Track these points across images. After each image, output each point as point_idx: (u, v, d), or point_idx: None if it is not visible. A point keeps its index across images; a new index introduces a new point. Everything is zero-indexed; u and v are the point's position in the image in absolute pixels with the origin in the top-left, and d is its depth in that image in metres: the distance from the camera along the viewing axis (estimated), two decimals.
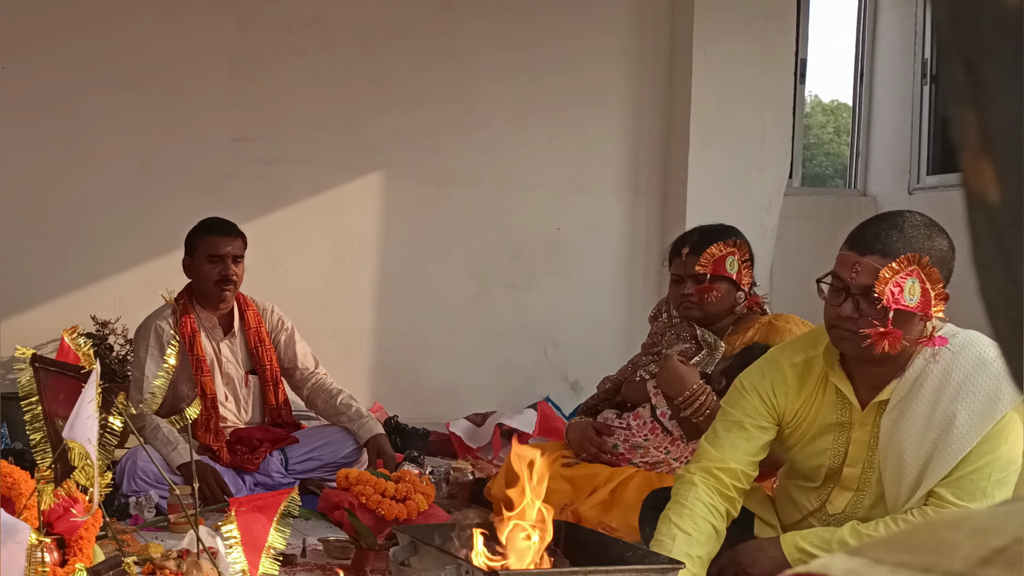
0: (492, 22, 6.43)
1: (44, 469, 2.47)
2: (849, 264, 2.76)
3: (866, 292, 2.73)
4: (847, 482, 2.99)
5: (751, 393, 2.98)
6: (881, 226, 2.77)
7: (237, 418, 4.79)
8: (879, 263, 2.71)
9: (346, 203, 6.31)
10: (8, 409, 4.75)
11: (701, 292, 3.95)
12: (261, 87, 6.13)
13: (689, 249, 4.01)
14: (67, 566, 2.72)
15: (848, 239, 2.83)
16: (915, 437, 2.79)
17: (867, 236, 2.76)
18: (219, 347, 4.75)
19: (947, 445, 2.76)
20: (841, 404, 2.94)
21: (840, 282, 2.78)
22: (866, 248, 2.74)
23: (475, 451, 5.48)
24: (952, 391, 2.78)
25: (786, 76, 6.64)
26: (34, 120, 5.81)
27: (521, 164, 6.52)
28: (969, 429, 2.75)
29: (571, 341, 6.57)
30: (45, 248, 5.83)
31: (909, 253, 2.71)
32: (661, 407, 4.03)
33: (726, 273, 3.97)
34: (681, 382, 3.90)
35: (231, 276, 4.66)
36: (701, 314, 4.01)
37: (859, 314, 2.74)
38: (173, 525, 4.04)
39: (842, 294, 2.77)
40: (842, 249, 2.82)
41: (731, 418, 2.99)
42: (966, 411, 2.76)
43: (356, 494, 3.55)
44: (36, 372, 2.51)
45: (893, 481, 2.86)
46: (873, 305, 2.73)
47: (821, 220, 6.93)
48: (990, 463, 2.75)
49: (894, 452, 2.83)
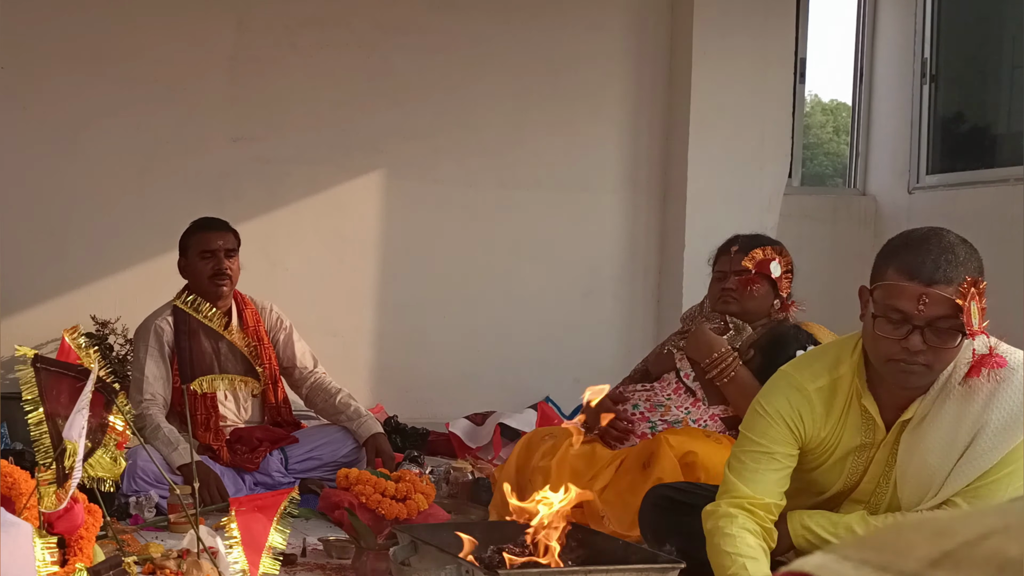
0: (492, 22, 6.43)
1: (44, 469, 2.47)
2: (913, 296, 2.64)
3: (933, 323, 2.65)
4: (860, 496, 2.96)
5: (777, 422, 2.89)
6: (935, 252, 2.67)
7: (237, 417, 4.79)
8: (947, 292, 2.63)
9: (346, 203, 6.31)
10: (8, 409, 4.75)
11: (743, 283, 4.07)
12: (261, 86, 6.13)
13: (738, 248, 4.14)
14: (67, 566, 2.72)
15: (898, 268, 2.69)
16: (939, 452, 2.75)
17: (927, 265, 2.65)
18: (218, 346, 4.75)
19: (975, 457, 2.72)
20: (867, 426, 2.88)
21: (899, 315, 2.67)
22: (929, 278, 2.64)
23: (475, 451, 5.48)
24: (980, 403, 2.74)
25: (786, 75, 6.64)
26: (34, 120, 5.81)
27: (521, 164, 6.52)
28: (996, 442, 2.71)
29: (571, 341, 6.57)
30: (45, 248, 5.83)
31: (968, 277, 2.65)
32: (685, 370, 4.15)
33: (769, 273, 4.09)
34: (709, 346, 4.05)
35: (224, 270, 4.66)
36: (738, 308, 4.11)
37: (927, 346, 2.67)
38: (173, 525, 4.04)
39: (904, 327, 2.67)
40: (892, 279, 2.69)
41: (759, 449, 2.89)
42: (994, 423, 2.72)
43: (356, 494, 3.55)
44: (36, 372, 2.52)
45: (914, 495, 2.82)
46: (943, 336, 2.66)
47: (821, 219, 6.93)
48: (1011, 474, 2.73)
49: (915, 467, 2.80)
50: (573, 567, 2.83)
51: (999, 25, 6.76)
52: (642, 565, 2.87)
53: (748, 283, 4.07)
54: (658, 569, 2.86)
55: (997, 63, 6.76)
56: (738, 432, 3.94)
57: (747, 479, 2.88)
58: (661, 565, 2.88)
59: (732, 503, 2.87)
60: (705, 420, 4.07)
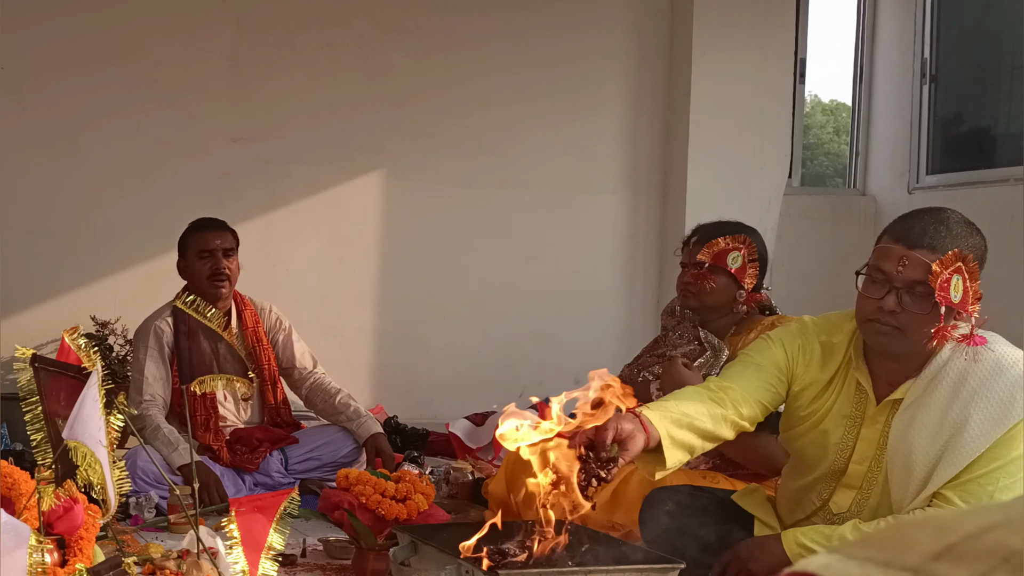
0: (492, 22, 6.43)
1: (44, 470, 2.47)
2: (895, 257, 2.70)
3: (911, 286, 2.69)
4: (851, 480, 2.97)
5: (777, 345, 2.93)
6: (927, 221, 2.72)
7: (236, 418, 4.80)
8: (928, 257, 2.67)
9: (346, 203, 6.31)
10: (8, 409, 4.75)
11: (698, 279, 3.95)
12: (261, 87, 6.13)
13: (697, 238, 4.03)
14: (67, 566, 2.72)
15: (890, 233, 2.76)
16: (925, 438, 2.77)
17: (914, 230, 2.70)
18: (217, 347, 4.74)
19: (957, 448, 2.73)
20: (858, 397, 2.91)
21: (881, 275, 2.72)
22: (914, 242, 2.69)
23: (475, 451, 5.48)
24: (967, 394, 2.75)
25: (786, 76, 6.64)
26: (34, 120, 5.81)
27: (521, 164, 6.52)
28: (981, 433, 2.72)
29: (571, 341, 6.57)
30: (45, 248, 5.83)
31: (955, 249, 2.67)
32: None
33: (726, 267, 3.95)
34: (685, 385, 3.90)
35: (223, 269, 4.64)
36: (695, 303, 4.00)
37: (901, 308, 2.70)
38: (173, 525, 4.04)
39: (884, 287, 2.72)
40: (883, 242, 2.76)
41: (749, 360, 2.92)
42: (979, 415, 2.73)
43: (356, 494, 3.55)
44: (36, 372, 2.51)
45: (900, 481, 2.84)
46: (917, 300, 2.69)
47: (821, 219, 6.93)
48: (999, 468, 2.73)
49: (903, 452, 2.81)
50: (573, 567, 2.82)
51: (999, 25, 6.76)
52: (642, 565, 2.87)
53: (702, 278, 3.95)
54: (658, 569, 2.86)
55: (997, 63, 6.76)
56: (725, 462, 3.94)
57: (726, 375, 2.90)
58: (661, 565, 2.87)
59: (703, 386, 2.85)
60: None
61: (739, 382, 2.85)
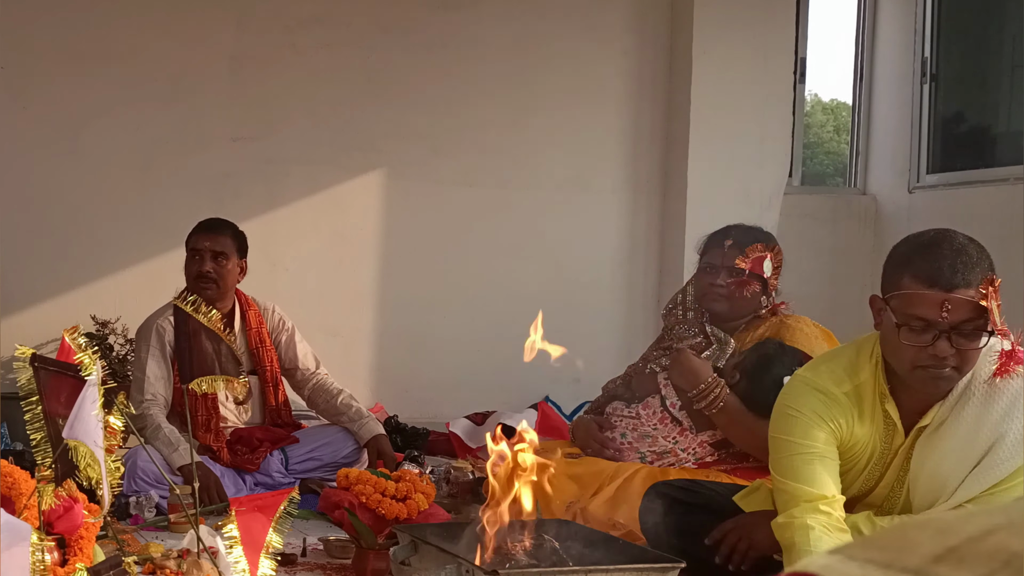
0: (492, 22, 6.43)
1: (44, 469, 2.47)
2: (936, 303, 2.65)
3: (958, 327, 2.67)
4: (873, 500, 2.97)
5: (817, 422, 2.86)
6: (950, 256, 2.68)
7: (237, 418, 4.79)
8: (968, 295, 2.65)
9: (346, 203, 6.31)
10: (8, 409, 4.75)
11: (739, 286, 3.91)
12: (261, 86, 6.13)
13: (733, 242, 3.95)
14: (67, 566, 2.72)
15: (916, 277, 2.69)
16: (956, 458, 2.76)
17: (944, 271, 2.66)
18: (219, 347, 4.74)
19: (990, 467, 2.73)
20: (888, 431, 2.89)
21: (923, 323, 2.68)
22: (949, 283, 2.66)
23: (475, 451, 5.48)
24: (1001, 411, 2.74)
25: (786, 75, 6.64)
26: (34, 120, 5.81)
27: (521, 164, 6.52)
28: (1016, 452, 2.71)
29: (571, 341, 6.55)
30: (45, 248, 5.83)
31: (986, 277, 2.67)
32: (671, 398, 4.00)
33: (762, 273, 3.94)
34: (695, 375, 3.87)
35: (206, 272, 4.58)
36: (726, 308, 3.96)
37: (955, 350, 2.69)
38: (173, 525, 4.04)
39: (930, 333, 2.68)
40: (910, 287, 2.69)
41: (806, 450, 2.85)
42: (1013, 433, 2.72)
43: (356, 494, 3.55)
44: (36, 372, 2.51)
45: (925, 501, 2.82)
46: (969, 338, 2.68)
47: (821, 219, 6.93)
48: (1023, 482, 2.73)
49: (928, 472, 2.80)
50: (573, 567, 2.83)
51: (999, 25, 6.75)
52: (642, 565, 2.87)
53: (743, 285, 3.91)
54: (658, 569, 2.86)
55: (997, 63, 6.76)
56: (731, 455, 3.92)
57: (807, 479, 2.82)
58: (661, 565, 2.87)
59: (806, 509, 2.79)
60: (694, 448, 3.97)
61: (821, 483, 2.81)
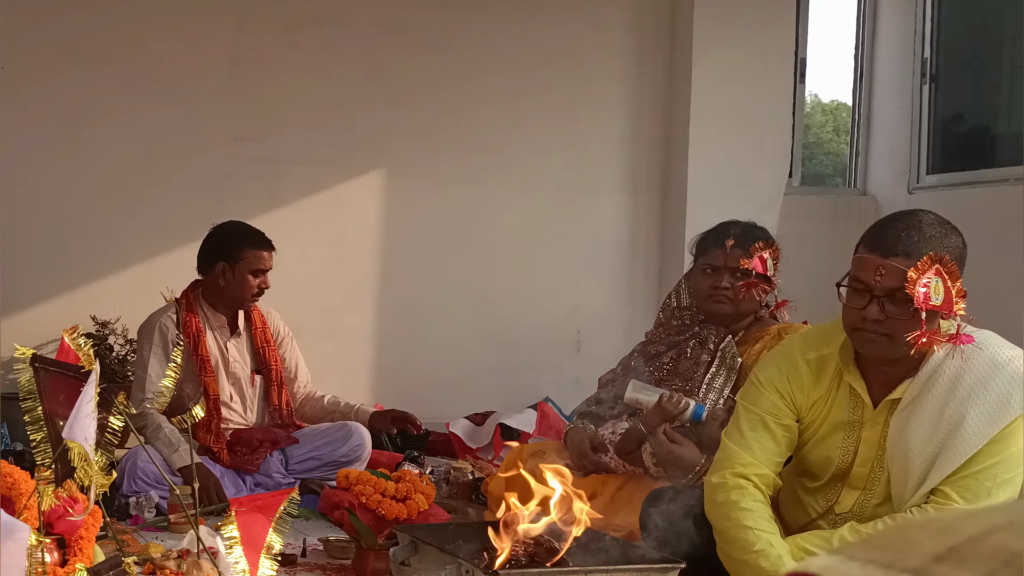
0: (492, 22, 6.43)
1: (44, 470, 2.47)
2: (872, 267, 2.75)
3: (891, 294, 2.73)
4: (855, 481, 2.99)
5: (768, 389, 2.97)
6: (899, 227, 2.76)
7: (242, 418, 4.79)
8: (903, 264, 2.71)
9: (346, 203, 6.31)
10: (8, 409, 4.75)
11: (747, 287, 3.74)
12: (261, 86, 6.13)
13: (734, 241, 3.78)
14: (67, 566, 2.72)
15: (865, 241, 2.81)
16: (923, 435, 2.80)
17: (887, 238, 2.75)
18: (226, 347, 4.75)
19: (954, 445, 2.76)
20: (854, 403, 2.94)
21: (862, 284, 2.77)
22: (888, 250, 2.73)
23: (475, 451, 5.48)
24: (964, 392, 2.78)
25: (786, 76, 6.64)
26: (34, 120, 5.81)
27: (521, 164, 6.52)
28: (978, 430, 2.75)
29: (571, 341, 6.57)
30: (45, 248, 5.83)
31: (931, 252, 2.71)
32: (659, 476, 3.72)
33: (766, 272, 3.79)
34: (685, 463, 3.61)
35: (266, 287, 4.74)
36: (731, 310, 3.80)
37: (884, 316, 2.74)
38: (173, 525, 4.04)
39: (865, 297, 2.76)
40: (860, 252, 2.81)
41: (754, 417, 2.98)
42: (976, 412, 2.76)
43: (356, 494, 3.55)
44: (36, 372, 2.51)
45: (899, 479, 2.87)
46: (899, 306, 2.73)
47: (821, 219, 6.93)
48: (997, 464, 2.76)
49: (901, 450, 2.84)
50: (573, 567, 2.82)
51: (999, 25, 6.76)
52: (642, 565, 2.87)
53: (751, 286, 3.74)
54: (658, 569, 2.86)
55: (997, 63, 6.76)
56: None
57: (745, 446, 2.94)
58: (661, 565, 2.87)
59: (736, 473, 2.92)
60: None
61: (759, 454, 2.93)
